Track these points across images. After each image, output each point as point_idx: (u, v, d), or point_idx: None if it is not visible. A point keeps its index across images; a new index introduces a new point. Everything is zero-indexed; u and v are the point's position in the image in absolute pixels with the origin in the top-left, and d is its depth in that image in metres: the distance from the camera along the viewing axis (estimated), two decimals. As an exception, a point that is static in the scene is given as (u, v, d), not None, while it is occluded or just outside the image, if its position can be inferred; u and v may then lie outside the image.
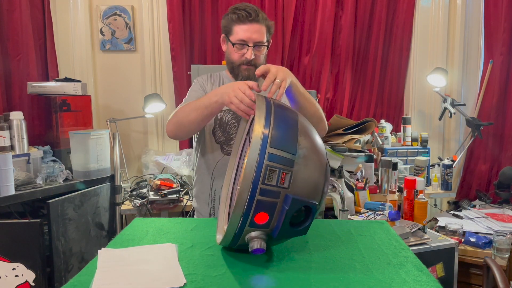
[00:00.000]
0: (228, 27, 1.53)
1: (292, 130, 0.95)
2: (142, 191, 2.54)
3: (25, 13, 2.58)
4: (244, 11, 1.48)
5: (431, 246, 1.98)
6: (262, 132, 0.91)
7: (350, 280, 0.90)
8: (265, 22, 1.52)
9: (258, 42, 1.50)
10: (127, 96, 2.99)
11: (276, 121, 0.94)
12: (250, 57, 1.50)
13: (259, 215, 0.90)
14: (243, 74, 1.54)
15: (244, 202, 0.88)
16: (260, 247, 0.92)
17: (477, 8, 3.12)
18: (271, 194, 0.89)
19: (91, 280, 0.89)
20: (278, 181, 0.89)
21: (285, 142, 0.92)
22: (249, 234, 0.93)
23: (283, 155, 0.90)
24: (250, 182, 0.88)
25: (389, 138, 2.93)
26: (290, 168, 0.91)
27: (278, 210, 0.91)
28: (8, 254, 1.87)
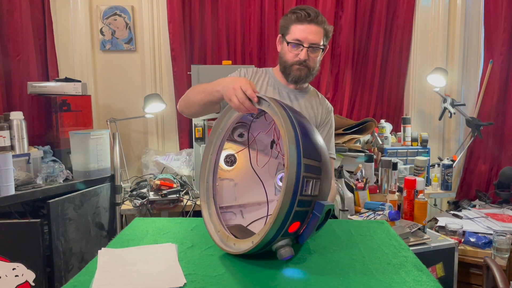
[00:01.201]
0: (286, 27, 1.52)
1: (313, 137, 0.97)
2: (142, 191, 2.54)
3: (25, 13, 2.58)
4: (304, 11, 1.48)
5: (431, 246, 1.98)
6: (295, 144, 0.91)
7: (350, 280, 0.90)
8: (323, 25, 1.50)
9: (314, 43, 1.49)
10: (127, 96, 2.99)
11: (301, 130, 0.95)
12: (303, 58, 1.49)
13: (293, 224, 0.92)
14: (294, 74, 1.54)
15: (283, 216, 0.89)
16: (290, 254, 0.94)
17: (477, 8, 3.12)
18: (305, 204, 0.91)
19: (91, 280, 0.89)
20: (312, 190, 0.92)
21: (312, 151, 0.94)
22: (277, 244, 0.94)
23: (313, 164, 0.93)
24: (290, 196, 0.89)
25: (389, 138, 2.93)
26: (319, 175, 0.93)
27: (308, 217, 0.93)
28: (8, 254, 1.87)
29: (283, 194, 0.89)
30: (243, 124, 1.23)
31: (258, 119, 1.21)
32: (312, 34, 1.48)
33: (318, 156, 0.95)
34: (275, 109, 0.99)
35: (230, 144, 1.25)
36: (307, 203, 0.92)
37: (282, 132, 0.94)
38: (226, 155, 1.26)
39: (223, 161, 1.25)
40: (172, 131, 3.03)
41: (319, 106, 1.65)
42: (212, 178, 1.18)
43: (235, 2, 2.92)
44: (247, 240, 0.98)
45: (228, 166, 1.26)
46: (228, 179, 1.26)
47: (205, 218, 1.13)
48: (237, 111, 1.14)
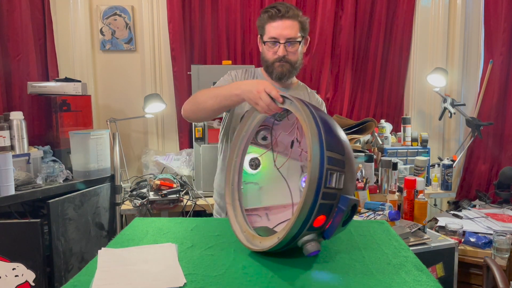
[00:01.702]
0: (261, 27, 1.53)
1: (336, 132, 0.99)
2: (142, 191, 2.54)
3: (25, 13, 2.58)
4: (274, 8, 1.48)
5: (431, 246, 1.98)
6: (318, 137, 0.93)
7: (350, 280, 0.90)
8: (297, 18, 1.50)
9: (290, 38, 1.49)
10: (127, 96, 2.99)
11: (324, 126, 0.96)
12: (282, 54, 1.49)
13: (318, 218, 0.92)
14: (277, 71, 1.54)
15: (308, 209, 0.90)
16: (317, 249, 0.94)
17: (477, 8, 3.12)
18: (330, 197, 0.92)
19: (91, 280, 0.89)
20: (336, 183, 0.92)
21: (335, 144, 0.95)
22: (303, 239, 0.94)
23: (336, 157, 0.93)
24: (314, 188, 0.89)
25: (389, 138, 2.93)
26: (343, 169, 0.94)
27: (333, 211, 0.93)
28: (8, 254, 1.87)
29: (307, 186, 0.90)
30: (266, 127, 1.24)
31: (282, 121, 1.23)
32: (287, 29, 1.48)
33: (341, 149, 0.96)
34: (297, 106, 1.01)
35: (253, 148, 1.27)
36: (332, 196, 0.92)
37: (305, 126, 0.96)
38: (251, 158, 1.28)
39: (247, 165, 1.27)
40: (172, 131, 3.03)
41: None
42: (237, 181, 1.21)
43: (235, 2, 2.92)
44: (272, 237, 1.00)
45: (253, 170, 1.29)
46: (253, 182, 1.27)
47: (231, 219, 1.15)
48: (263, 113, 1.15)
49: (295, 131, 1.23)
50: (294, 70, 1.57)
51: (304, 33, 1.54)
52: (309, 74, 3.08)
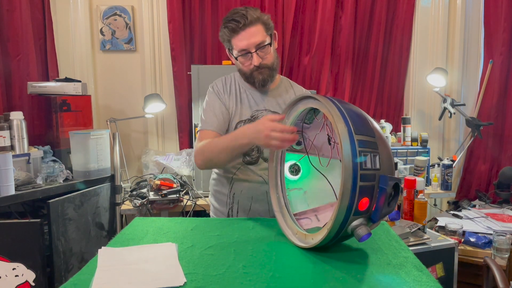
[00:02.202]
0: (227, 42, 1.49)
1: (363, 117, 1.02)
2: (142, 191, 2.54)
3: (25, 13, 2.58)
4: (232, 21, 1.43)
5: (431, 246, 1.98)
6: (344, 124, 0.96)
7: (350, 280, 0.90)
8: (258, 21, 1.44)
9: (259, 44, 1.45)
10: (127, 96, 2.99)
11: (348, 113, 0.99)
12: (257, 63, 1.46)
13: (361, 201, 0.94)
14: (258, 79, 1.50)
15: (349, 191, 0.92)
16: (367, 232, 0.95)
17: (477, 8, 3.12)
18: (369, 178, 0.94)
19: (92, 279, 0.89)
20: (372, 164, 0.95)
21: (364, 127, 0.98)
22: (352, 224, 0.96)
23: (367, 139, 0.96)
24: (351, 171, 0.91)
25: (389, 138, 2.93)
26: (376, 150, 0.96)
27: (375, 192, 0.95)
28: (8, 254, 1.87)
29: (343, 170, 0.92)
30: (298, 132, 1.26)
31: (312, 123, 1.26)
32: (253, 37, 1.43)
33: (371, 132, 0.98)
34: (318, 98, 1.05)
35: (290, 155, 1.31)
36: (370, 177, 0.94)
37: (329, 116, 0.99)
38: (290, 165, 1.31)
39: (288, 172, 1.31)
40: (172, 131, 3.03)
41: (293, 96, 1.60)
42: (281, 189, 1.26)
43: (235, 2, 2.92)
44: (322, 230, 1.02)
45: (294, 176, 1.32)
46: (297, 188, 1.30)
47: (281, 225, 1.19)
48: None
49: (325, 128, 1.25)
50: (274, 71, 1.53)
51: (270, 31, 1.49)
52: (309, 74, 3.08)
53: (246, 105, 1.55)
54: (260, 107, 1.55)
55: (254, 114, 1.54)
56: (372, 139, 0.97)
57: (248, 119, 1.53)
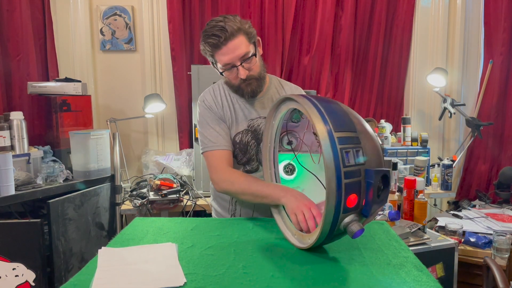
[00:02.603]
0: (211, 56, 1.43)
1: (343, 113, 1.01)
2: (142, 191, 2.54)
3: (25, 13, 2.58)
4: (213, 37, 1.35)
5: (431, 246, 1.98)
6: (322, 123, 0.96)
7: (350, 280, 0.90)
8: (239, 31, 1.36)
9: (243, 56, 1.38)
10: (127, 96, 2.99)
11: (327, 110, 0.99)
12: (244, 76, 1.39)
13: (349, 198, 0.93)
14: (247, 90, 1.44)
15: (335, 191, 0.91)
16: (360, 228, 0.95)
17: (477, 8, 3.12)
18: (354, 174, 0.93)
19: (92, 279, 0.89)
20: (355, 160, 0.94)
21: (344, 123, 0.97)
22: (344, 221, 0.95)
23: (348, 135, 0.96)
24: (333, 170, 0.91)
25: (389, 138, 2.93)
26: (358, 144, 0.96)
27: (363, 187, 0.95)
28: (8, 254, 1.87)
29: (326, 170, 0.92)
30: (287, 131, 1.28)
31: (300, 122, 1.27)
32: (236, 50, 1.36)
33: (352, 126, 0.98)
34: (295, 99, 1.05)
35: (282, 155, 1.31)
36: (355, 173, 0.93)
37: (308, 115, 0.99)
38: (284, 165, 1.32)
39: (283, 173, 1.32)
40: (172, 131, 3.03)
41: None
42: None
43: (235, 2, 2.92)
44: (316, 231, 1.02)
45: (290, 175, 1.33)
46: (294, 187, 1.29)
47: (281, 227, 1.19)
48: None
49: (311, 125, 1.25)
50: (262, 80, 1.47)
51: (253, 39, 1.42)
52: (309, 74, 3.08)
53: (241, 116, 1.50)
54: (254, 115, 1.51)
55: (250, 124, 1.50)
56: (354, 134, 0.97)
57: (245, 129, 1.49)
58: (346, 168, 0.92)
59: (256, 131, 1.49)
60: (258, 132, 1.49)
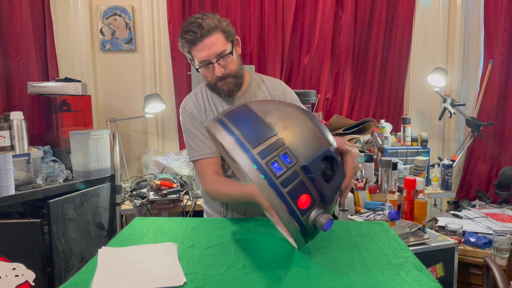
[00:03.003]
0: (188, 53, 1.43)
1: (255, 120, 0.94)
2: (142, 191, 2.54)
3: (25, 13, 2.58)
4: (189, 33, 1.35)
5: (431, 246, 1.98)
6: (240, 150, 0.89)
7: (350, 280, 0.90)
8: (216, 29, 1.36)
9: (219, 54, 1.37)
10: (127, 96, 2.99)
11: (240, 128, 0.93)
12: (220, 73, 1.39)
13: (299, 201, 0.89)
14: (223, 89, 1.44)
15: (280, 204, 0.87)
16: (328, 219, 0.91)
17: (477, 8, 3.12)
18: (291, 179, 0.88)
19: (92, 279, 0.89)
20: (285, 164, 0.88)
21: (260, 134, 0.91)
22: (310, 219, 0.92)
23: (268, 143, 0.89)
24: (268, 187, 0.86)
25: (389, 138, 2.93)
26: (283, 146, 0.90)
27: (308, 183, 0.90)
28: (8, 254, 1.87)
29: (260, 190, 0.87)
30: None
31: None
32: (212, 47, 1.36)
33: (268, 131, 0.91)
34: (210, 129, 0.99)
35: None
36: (292, 176, 0.88)
37: (222, 144, 0.93)
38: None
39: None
40: (172, 131, 3.03)
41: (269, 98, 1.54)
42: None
43: (235, 2, 2.92)
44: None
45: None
46: None
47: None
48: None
49: None
50: (239, 78, 1.46)
51: (231, 38, 1.42)
52: (309, 74, 3.08)
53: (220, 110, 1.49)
54: None
55: None
56: (273, 137, 0.89)
57: None
58: (280, 178, 0.86)
59: None
60: None
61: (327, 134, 0.99)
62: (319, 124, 0.99)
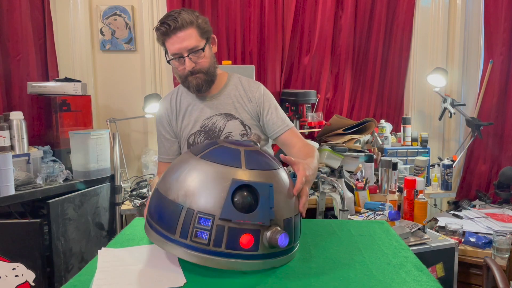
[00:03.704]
0: (163, 45, 1.46)
1: (163, 203, 0.92)
2: (142, 191, 2.54)
3: (25, 13, 2.58)
4: (164, 24, 1.39)
5: (431, 246, 1.98)
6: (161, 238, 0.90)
7: (350, 280, 0.90)
8: (191, 24, 1.39)
9: (191, 49, 1.40)
10: (127, 96, 2.99)
11: (155, 218, 0.93)
12: (189, 68, 1.42)
13: (241, 243, 0.86)
14: (192, 84, 1.46)
15: (230, 263, 0.86)
16: (279, 235, 0.87)
17: (477, 8, 3.12)
18: (220, 233, 0.86)
19: (91, 280, 0.89)
20: (207, 225, 0.86)
21: (170, 217, 0.89)
22: (265, 244, 0.89)
23: (181, 221, 0.87)
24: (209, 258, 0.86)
25: (389, 138, 2.93)
26: (194, 212, 0.87)
27: (238, 225, 0.86)
28: (8, 254, 1.87)
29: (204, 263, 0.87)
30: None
31: None
32: (184, 41, 1.39)
33: (176, 208, 0.88)
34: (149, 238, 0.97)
35: None
36: (220, 231, 0.85)
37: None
38: None
39: None
40: (172, 131, 3.03)
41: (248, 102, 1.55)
42: None
43: (235, 2, 2.92)
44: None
45: None
46: None
47: None
48: None
49: None
50: (210, 76, 1.49)
51: (206, 35, 1.45)
52: (309, 74, 3.08)
53: (195, 117, 1.55)
54: (208, 114, 1.54)
55: (203, 124, 1.54)
56: (182, 212, 0.87)
57: (198, 130, 1.54)
58: (211, 243, 0.85)
59: (210, 130, 1.53)
60: (213, 131, 1.53)
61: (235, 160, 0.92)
62: (222, 156, 0.93)
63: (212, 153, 0.94)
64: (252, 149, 0.98)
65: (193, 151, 0.97)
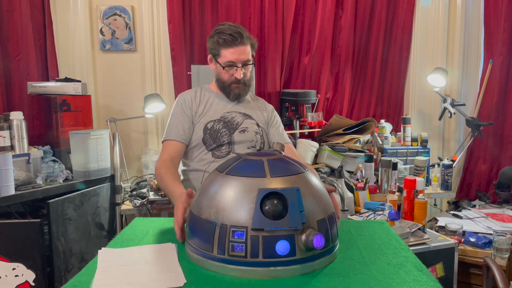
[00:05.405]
0: (215, 50, 1.67)
1: (198, 223, 0.95)
2: (142, 191, 2.54)
3: (25, 13, 2.58)
4: (230, 36, 1.60)
5: (431, 246, 1.99)
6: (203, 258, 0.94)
7: (350, 280, 0.90)
8: (249, 41, 1.65)
9: (245, 61, 1.64)
10: (127, 96, 2.99)
11: (194, 239, 0.97)
12: (240, 77, 1.64)
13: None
14: (234, 92, 1.68)
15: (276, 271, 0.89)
16: (314, 236, 0.87)
17: (477, 8, 3.12)
18: (255, 245, 0.87)
19: (91, 280, 0.89)
20: (242, 238, 0.88)
21: (207, 236, 0.92)
22: (301, 247, 0.90)
23: (216, 238, 0.90)
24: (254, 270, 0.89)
25: (389, 138, 2.93)
26: (226, 228, 0.89)
27: (270, 233, 0.88)
28: (8, 254, 1.87)
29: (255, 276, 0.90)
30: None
31: None
32: (243, 54, 1.63)
33: (210, 227, 0.91)
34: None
35: None
36: (255, 243, 0.87)
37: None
38: None
39: None
40: (172, 131, 3.03)
41: (263, 111, 1.81)
42: None
43: (235, 2, 2.92)
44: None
45: None
46: None
47: None
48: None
49: None
50: (248, 87, 1.72)
51: (253, 52, 1.69)
52: (309, 74, 3.08)
53: (216, 108, 1.71)
54: (229, 109, 1.71)
55: (223, 115, 1.69)
56: (217, 229, 0.90)
57: (218, 119, 1.68)
58: (248, 254, 0.87)
59: (229, 122, 1.68)
60: (232, 123, 1.68)
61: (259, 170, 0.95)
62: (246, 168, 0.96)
63: (236, 168, 0.98)
64: (274, 157, 1.01)
65: (219, 169, 1.01)
